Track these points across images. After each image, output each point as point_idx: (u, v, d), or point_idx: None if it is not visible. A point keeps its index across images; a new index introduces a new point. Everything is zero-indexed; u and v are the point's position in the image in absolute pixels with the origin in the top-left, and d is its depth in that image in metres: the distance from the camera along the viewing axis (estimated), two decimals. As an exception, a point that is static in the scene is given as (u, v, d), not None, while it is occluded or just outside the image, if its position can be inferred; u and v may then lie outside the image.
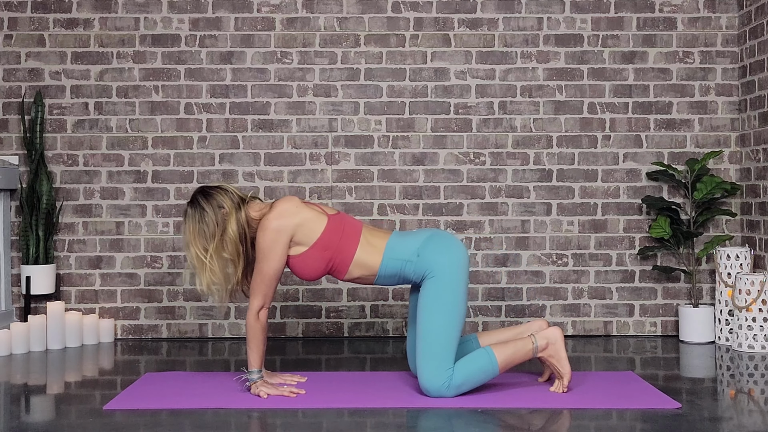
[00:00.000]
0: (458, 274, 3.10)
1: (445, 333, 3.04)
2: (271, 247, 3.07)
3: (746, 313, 4.00)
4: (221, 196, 3.15)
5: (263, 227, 3.09)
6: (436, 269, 3.08)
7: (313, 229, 3.10)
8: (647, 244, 4.50)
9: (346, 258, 3.14)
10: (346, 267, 3.16)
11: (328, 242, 3.11)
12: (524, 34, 4.52)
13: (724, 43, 4.53)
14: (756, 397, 3.20)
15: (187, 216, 3.16)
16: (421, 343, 3.06)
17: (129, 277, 4.47)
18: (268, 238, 3.07)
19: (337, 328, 4.48)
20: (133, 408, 2.96)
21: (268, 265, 3.08)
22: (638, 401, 3.02)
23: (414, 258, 3.12)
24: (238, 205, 3.15)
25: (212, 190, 3.18)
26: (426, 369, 3.04)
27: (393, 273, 3.15)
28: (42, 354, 4.07)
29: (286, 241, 3.08)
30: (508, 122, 4.51)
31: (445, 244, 3.14)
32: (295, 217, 3.09)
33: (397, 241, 3.17)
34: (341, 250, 3.13)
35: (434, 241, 3.14)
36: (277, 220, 3.08)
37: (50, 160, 4.47)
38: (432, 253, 3.11)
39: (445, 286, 3.07)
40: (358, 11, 4.51)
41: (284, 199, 3.17)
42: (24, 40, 4.48)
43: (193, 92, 4.49)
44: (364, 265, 3.15)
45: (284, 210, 3.10)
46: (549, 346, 3.12)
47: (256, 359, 3.11)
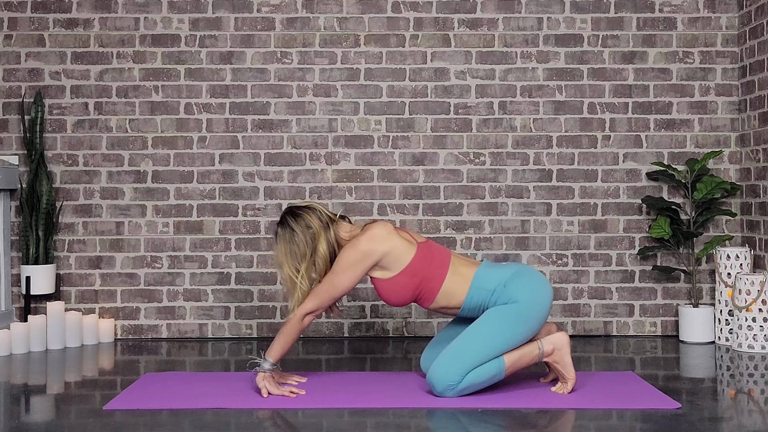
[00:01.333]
0: (538, 310, 3.09)
1: (486, 349, 3.03)
2: (353, 266, 3.09)
3: (746, 313, 4.00)
4: (309, 216, 3.17)
5: (352, 245, 3.11)
6: (520, 297, 3.08)
7: (400, 258, 3.12)
8: (647, 244, 4.50)
9: (435, 287, 3.14)
10: (433, 295, 3.16)
11: (417, 269, 3.12)
12: (524, 34, 4.52)
13: (724, 43, 4.53)
14: (756, 397, 3.20)
15: (277, 236, 3.19)
16: (459, 342, 3.05)
17: (129, 277, 4.47)
18: (353, 257, 3.09)
19: (337, 328, 4.48)
20: (133, 408, 2.96)
21: (341, 281, 3.10)
22: (638, 401, 3.01)
23: (500, 288, 3.11)
24: (326, 225, 3.17)
25: (300, 210, 3.20)
26: (443, 366, 3.03)
27: (477, 304, 3.14)
28: (42, 354, 4.07)
29: (369, 265, 3.10)
30: (508, 122, 4.51)
31: (534, 280, 3.14)
32: (385, 244, 3.11)
33: (485, 271, 3.16)
34: (430, 278, 3.14)
35: (525, 275, 3.14)
36: (367, 243, 3.09)
37: (50, 160, 4.46)
38: (520, 286, 3.10)
39: (519, 313, 3.06)
40: (358, 11, 4.51)
41: (378, 224, 3.17)
42: (24, 40, 4.48)
43: (193, 92, 4.49)
44: (451, 295, 3.15)
45: (377, 235, 3.12)
46: (555, 351, 3.11)
47: (278, 352, 3.12)
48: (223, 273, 4.47)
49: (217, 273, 4.47)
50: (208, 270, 4.47)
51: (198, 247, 4.47)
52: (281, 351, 3.12)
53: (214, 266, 4.47)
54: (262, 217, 4.47)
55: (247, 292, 4.47)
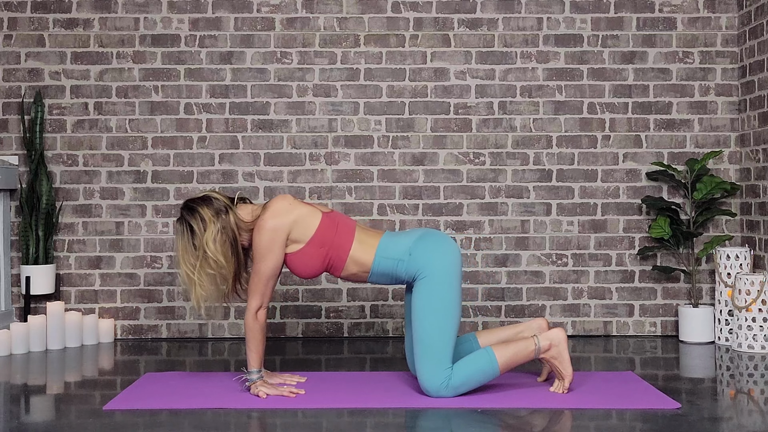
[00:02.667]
0: (450, 274, 3.08)
1: (440, 333, 3.03)
2: (269, 246, 3.06)
3: (746, 313, 4.00)
4: (203, 208, 3.11)
5: (259, 227, 3.08)
6: (428, 269, 3.07)
7: (308, 226, 3.10)
8: (647, 244, 4.50)
9: (342, 254, 3.13)
10: (342, 263, 3.15)
11: (323, 238, 3.11)
12: (524, 34, 4.52)
13: (724, 43, 4.53)
14: (756, 397, 3.20)
15: (176, 233, 3.16)
16: (417, 345, 3.06)
17: (129, 277, 4.47)
18: (265, 237, 3.06)
19: (337, 328, 4.48)
20: (133, 408, 2.96)
21: (265, 265, 3.08)
22: (638, 401, 3.02)
23: (406, 257, 3.10)
24: (225, 210, 3.12)
25: (195, 203, 3.14)
26: (424, 369, 3.04)
27: (386, 272, 3.14)
28: (42, 354, 4.07)
29: (283, 240, 3.08)
30: (507, 122, 4.51)
31: (436, 243, 3.12)
32: (290, 214, 3.09)
33: (389, 241, 3.16)
34: (337, 246, 3.12)
35: (426, 240, 3.13)
36: (272, 219, 3.07)
37: (50, 160, 4.47)
38: (423, 252, 3.09)
39: (438, 286, 3.06)
40: (358, 11, 4.51)
41: (277, 198, 3.15)
42: (24, 40, 4.48)
43: (193, 92, 4.49)
44: (359, 262, 3.14)
45: (279, 208, 3.09)
46: (552, 347, 3.11)
47: (255, 359, 3.11)
48: (223, 273, 4.46)
49: (217, 273, 4.46)
50: (208, 270, 4.46)
51: (198, 247, 4.46)
52: (257, 356, 3.12)
53: (214, 266, 4.46)
54: (262, 217, 4.47)
55: (247, 292, 4.46)
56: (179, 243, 3.13)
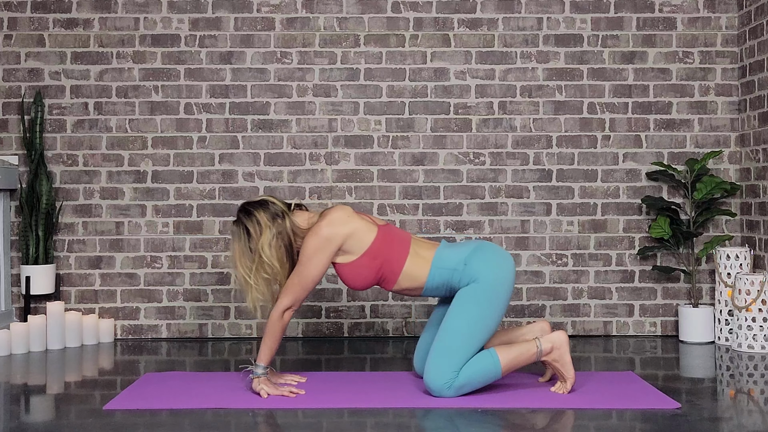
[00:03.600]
0: (500, 287, 3.08)
1: (468, 337, 3.04)
2: (317, 253, 3.07)
3: (746, 313, 4.00)
4: (260, 213, 3.14)
5: (313, 233, 3.09)
6: (481, 277, 3.07)
7: (362, 239, 3.10)
8: (647, 244, 4.50)
9: (396, 268, 3.14)
10: (395, 277, 3.15)
11: (377, 252, 3.11)
12: (524, 34, 4.52)
13: (724, 43, 4.53)
14: (756, 397, 3.20)
15: (232, 235, 3.18)
16: (440, 339, 3.05)
17: (129, 277, 4.47)
18: (316, 244, 3.07)
19: (337, 328, 4.48)
20: (133, 408, 2.96)
21: (308, 271, 3.08)
22: (638, 401, 3.02)
23: (461, 266, 3.10)
24: (282, 216, 3.14)
25: (252, 206, 3.17)
26: (435, 366, 3.03)
27: (440, 283, 3.14)
28: (42, 354, 4.07)
29: (333, 250, 3.09)
30: (507, 122, 4.51)
31: (494, 254, 3.13)
32: (346, 226, 3.09)
33: (445, 252, 3.16)
34: (391, 260, 3.13)
35: (483, 250, 3.14)
36: (328, 227, 3.08)
37: (50, 160, 4.47)
38: (479, 262, 3.10)
39: (485, 294, 3.06)
40: (358, 11, 4.51)
41: (336, 208, 3.16)
42: (24, 40, 4.48)
43: (193, 92, 4.49)
44: (413, 277, 3.14)
45: (336, 218, 3.10)
46: (554, 350, 3.11)
47: (266, 355, 3.11)
48: (223, 273, 4.47)
49: (217, 273, 4.47)
50: (208, 270, 4.47)
51: (198, 247, 4.47)
52: (270, 353, 3.12)
53: (214, 266, 4.47)
54: (262, 217, 4.47)
55: (247, 292, 4.46)
56: (235, 245, 3.15)
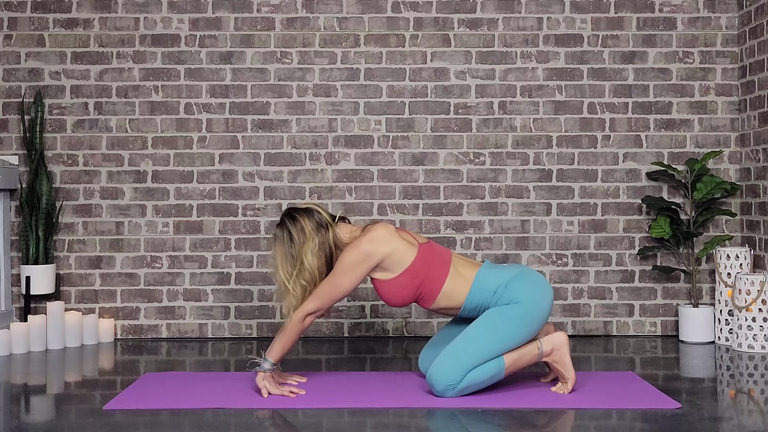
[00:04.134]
0: (538, 312, 3.08)
1: (486, 350, 3.03)
2: (354, 267, 3.07)
3: (746, 313, 4.00)
4: (304, 220, 3.14)
5: (354, 246, 3.09)
6: (521, 298, 3.07)
7: (402, 259, 3.10)
8: (647, 244, 4.50)
9: (435, 287, 3.14)
10: (434, 297, 3.15)
11: (417, 271, 3.11)
12: (524, 34, 4.52)
13: (724, 43, 4.53)
14: (756, 397, 3.20)
15: (276, 239, 3.18)
16: (459, 342, 3.05)
17: (129, 277, 4.47)
18: (354, 258, 3.07)
19: (337, 328, 4.48)
20: (133, 408, 2.96)
21: (341, 282, 3.09)
22: (638, 401, 3.02)
23: (502, 289, 3.10)
24: (326, 226, 3.15)
25: (298, 213, 3.17)
26: (444, 365, 3.03)
27: (478, 304, 3.14)
28: (42, 354, 4.07)
29: (370, 266, 3.09)
30: (508, 122, 4.51)
31: (536, 282, 3.13)
32: (386, 245, 3.09)
33: (487, 272, 3.16)
34: (431, 279, 3.13)
35: (527, 277, 3.13)
36: (369, 244, 3.08)
37: (50, 160, 4.47)
38: (521, 286, 3.09)
39: (520, 315, 3.06)
40: (358, 11, 4.51)
41: (380, 225, 3.16)
42: (24, 40, 4.48)
43: (193, 92, 4.49)
44: (452, 296, 3.14)
45: (378, 236, 3.10)
46: (554, 351, 3.12)
47: (278, 352, 3.11)
48: (223, 273, 4.47)
49: (217, 273, 4.47)
50: (208, 270, 4.47)
51: (198, 247, 4.47)
52: (282, 351, 3.12)
53: (214, 266, 4.47)
54: (261, 217, 4.47)
55: (247, 292, 4.47)
56: (278, 249, 3.15)
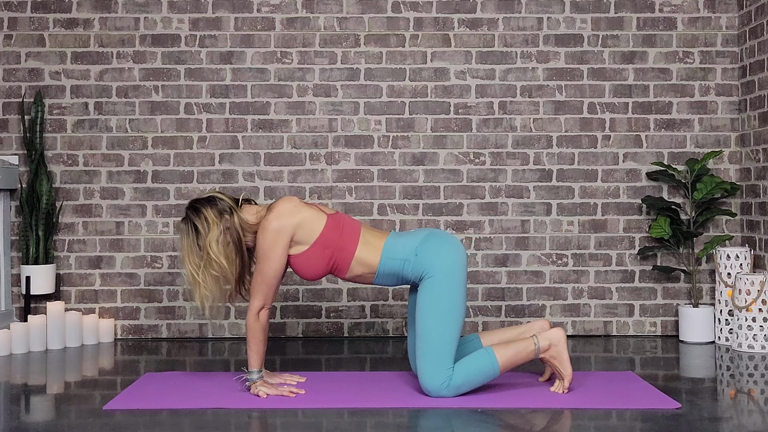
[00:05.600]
0: (456, 274, 3.08)
1: (444, 333, 3.04)
2: (272, 247, 3.07)
3: (746, 313, 4.00)
4: (208, 209, 3.12)
5: (263, 228, 3.08)
6: (434, 269, 3.07)
7: (312, 229, 3.10)
8: (647, 244, 4.50)
9: (347, 256, 3.13)
10: (347, 265, 3.15)
11: (328, 240, 3.11)
12: (524, 34, 4.52)
13: (724, 43, 4.53)
14: (756, 397, 3.20)
15: (180, 232, 3.17)
16: (420, 343, 3.06)
17: (129, 277, 4.47)
18: (268, 238, 3.06)
19: (337, 328, 4.48)
20: (133, 408, 2.96)
21: (268, 266, 3.08)
22: (638, 401, 3.02)
23: (412, 257, 3.10)
24: (230, 211, 3.13)
25: (199, 203, 3.15)
26: (425, 369, 3.04)
27: (392, 272, 3.14)
28: (42, 354, 4.07)
29: (286, 241, 3.08)
30: (508, 122, 4.51)
31: (442, 243, 3.13)
32: (294, 216, 3.09)
33: (395, 241, 3.16)
34: (341, 248, 3.12)
35: (432, 240, 3.13)
36: (276, 221, 3.07)
37: (50, 160, 4.47)
38: (429, 252, 3.09)
39: (443, 286, 3.06)
40: (358, 11, 4.51)
41: (283, 200, 3.15)
42: (24, 40, 4.48)
43: (193, 92, 4.49)
44: (365, 263, 3.14)
45: (283, 210, 3.09)
46: (551, 347, 3.12)
47: (256, 360, 3.11)
48: (223, 273, 4.46)
49: (217, 273, 4.47)
50: (208, 270, 4.46)
51: (198, 247, 4.46)
52: (258, 356, 3.12)
53: (214, 266, 4.46)
54: (262, 217, 4.47)
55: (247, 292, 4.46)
56: (184, 243, 3.14)
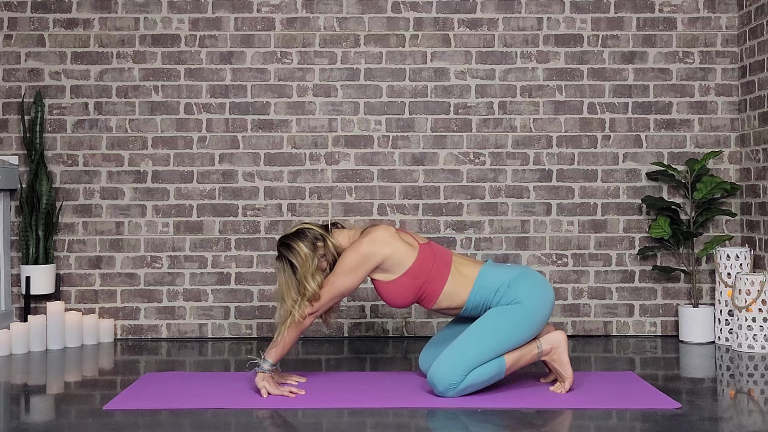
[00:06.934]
0: (540, 312, 3.09)
1: (487, 349, 3.04)
2: (355, 269, 3.08)
3: (746, 313, 4.00)
4: (299, 243, 3.11)
5: (354, 248, 3.09)
6: (524, 299, 3.08)
7: (402, 260, 3.11)
8: (647, 244, 4.50)
9: (437, 288, 3.14)
10: (435, 297, 3.16)
11: (419, 272, 3.12)
12: (524, 34, 4.52)
13: (724, 43, 4.53)
14: (756, 397, 3.20)
15: (277, 271, 3.16)
16: (461, 342, 3.05)
17: (129, 277, 4.47)
18: (354, 259, 3.08)
19: (337, 328, 4.48)
20: (133, 408, 2.96)
21: (341, 283, 3.09)
22: (638, 401, 3.02)
23: (504, 288, 3.11)
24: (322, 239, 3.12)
25: (289, 239, 3.14)
26: (445, 365, 3.03)
27: (480, 303, 3.14)
28: (42, 354, 4.07)
29: (370, 268, 3.09)
30: (508, 122, 4.51)
31: (538, 282, 3.15)
32: (387, 247, 3.09)
33: (489, 271, 3.16)
34: (432, 280, 3.13)
35: (529, 277, 3.15)
36: (369, 246, 3.08)
37: (50, 160, 4.47)
38: (524, 285, 3.11)
39: (522, 314, 3.06)
40: (358, 11, 4.51)
41: (380, 227, 3.16)
42: (24, 40, 4.48)
43: (193, 92, 4.49)
44: (453, 296, 3.15)
45: (379, 238, 3.10)
46: (553, 350, 3.13)
47: (277, 353, 3.12)
48: (223, 273, 4.47)
49: (217, 273, 4.47)
50: (208, 270, 4.47)
51: (198, 247, 4.47)
52: (281, 352, 3.12)
53: (214, 266, 4.47)
54: (262, 217, 4.47)
55: (247, 292, 4.47)
56: (281, 280, 3.13)
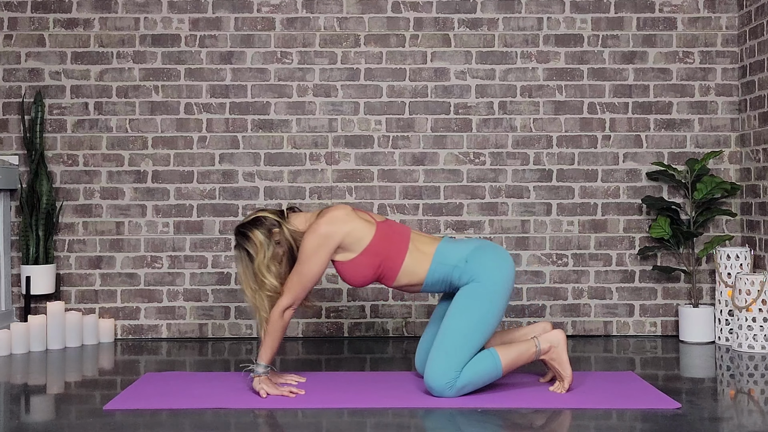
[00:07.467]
0: (501, 287, 3.10)
1: (469, 337, 3.04)
2: (316, 251, 3.08)
3: (746, 313, 4.00)
4: (254, 231, 3.12)
5: (312, 230, 3.09)
6: (482, 276, 3.09)
7: (361, 237, 3.11)
8: (647, 244, 4.50)
9: (395, 265, 3.15)
10: (394, 274, 3.17)
11: (377, 249, 3.12)
12: (524, 34, 4.52)
13: (724, 43, 4.53)
14: (756, 397, 3.20)
15: (236, 260, 3.19)
16: (441, 340, 3.06)
17: (129, 277, 4.47)
18: (315, 242, 3.08)
19: (337, 328, 4.48)
20: (133, 408, 2.96)
21: (308, 269, 3.09)
22: (638, 401, 3.02)
23: (462, 264, 3.12)
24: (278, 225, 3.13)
25: (245, 228, 3.15)
26: (436, 366, 3.03)
27: (440, 279, 3.15)
28: (42, 354, 4.07)
29: (332, 248, 3.09)
30: (508, 122, 4.51)
31: (495, 254, 3.15)
32: (345, 224, 3.10)
33: (446, 247, 3.18)
34: (390, 257, 3.14)
35: (485, 250, 3.15)
36: (327, 226, 3.08)
37: (50, 160, 4.47)
38: (481, 261, 3.11)
39: (486, 293, 3.08)
40: (358, 11, 4.51)
41: (335, 207, 3.17)
42: (24, 40, 4.48)
43: (193, 92, 4.49)
44: (413, 273, 3.16)
45: (335, 217, 3.11)
46: (551, 349, 3.12)
47: (267, 354, 3.12)
48: (223, 273, 4.47)
49: (217, 273, 4.47)
50: (208, 270, 4.47)
51: (198, 247, 4.47)
52: (271, 352, 3.12)
53: (214, 266, 4.47)
54: (262, 217, 4.47)
55: (247, 292, 4.46)
56: (240, 269, 3.16)
